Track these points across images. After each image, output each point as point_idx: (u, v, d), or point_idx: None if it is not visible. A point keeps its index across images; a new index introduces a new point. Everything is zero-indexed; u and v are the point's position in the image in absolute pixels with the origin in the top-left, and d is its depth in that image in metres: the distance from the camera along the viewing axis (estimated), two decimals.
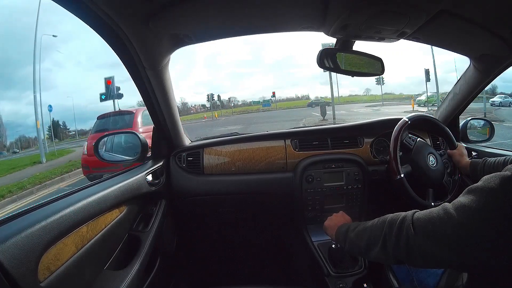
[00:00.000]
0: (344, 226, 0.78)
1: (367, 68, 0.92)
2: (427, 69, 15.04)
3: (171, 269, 1.25)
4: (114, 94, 8.56)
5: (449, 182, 1.13)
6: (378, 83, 24.03)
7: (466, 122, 1.38)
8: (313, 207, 1.22)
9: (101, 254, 0.76)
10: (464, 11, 0.75)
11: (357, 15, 0.71)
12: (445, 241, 0.49)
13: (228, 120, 22.93)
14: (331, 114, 13.81)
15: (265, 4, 0.70)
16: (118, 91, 8.88)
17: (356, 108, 22.46)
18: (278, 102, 38.92)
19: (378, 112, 17.04)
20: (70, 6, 0.59)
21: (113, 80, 8.72)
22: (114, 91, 8.59)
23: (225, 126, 14.49)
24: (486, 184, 0.46)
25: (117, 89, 8.91)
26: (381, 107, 21.54)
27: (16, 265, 0.47)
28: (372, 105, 26.10)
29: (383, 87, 29.60)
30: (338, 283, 1.05)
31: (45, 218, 0.56)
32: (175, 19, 0.71)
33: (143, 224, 1.00)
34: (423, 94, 19.57)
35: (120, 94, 8.87)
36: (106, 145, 1.36)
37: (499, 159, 0.96)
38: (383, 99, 30.93)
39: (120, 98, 8.94)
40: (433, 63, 14.05)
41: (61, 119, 30.91)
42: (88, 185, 0.83)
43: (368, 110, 19.78)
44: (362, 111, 19.73)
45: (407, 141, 1.11)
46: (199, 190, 1.25)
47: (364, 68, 0.92)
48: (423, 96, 19.11)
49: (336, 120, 12.72)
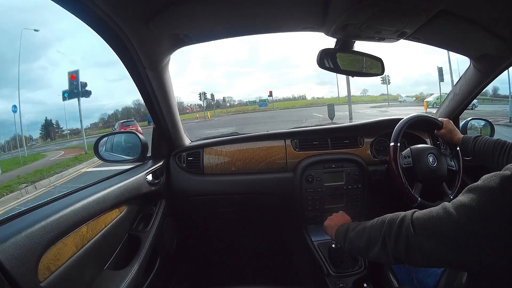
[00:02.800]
0: (344, 226, 0.78)
1: (367, 68, 0.92)
2: (440, 67, 14.55)
3: (171, 269, 1.25)
4: (79, 91, 7.33)
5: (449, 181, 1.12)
6: (383, 83, 23.11)
7: (466, 122, 1.38)
8: (313, 207, 1.22)
9: (101, 254, 0.76)
10: (464, 11, 0.75)
11: (357, 15, 0.71)
12: (444, 240, 0.49)
13: (220, 121, 21.14)
14: (335, 115, 12.75)
15: (265, 4, 0.70)
16: (84, 88, 7.57)
17: (361, 109, 20.99)
18: (275, 102, 38.10)
19: (387, 114, 16.37)
20: (70, 7, 0.60)
21: (77, 74, 7.49)
22: (79, 88, 7.36)
23: (216, 128, 12.94)
24: (486, 183, 0.46)
25: (83, 85, 7.55)
26: (387, 108, 20.27)
27: (16, 265, 0.47)
28: (376, 106, 24.85)
29: (381, 88, 29.08)
30: (338, 283, 1.05)
31: (45, 218, 0.56)
32: (175, 19, 0.71)
33: (143, 224, 1.00)
34: (430, 95, 18.79)
35: (87, 91, 7.62)
36: (106, 145, 1.35)
37: (491, 139, 0.95)
38: (383, 100, 30.42)
39: (87, 96, 7.70)
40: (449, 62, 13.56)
41: (54, 118, 30.55)
42: (88, 185, 0.83)
43: (374, 112, 18.67)
44: (368, 112, 18.70)
45: (404, 163, 1.08)
46: (199, 190, 1.25)
47: (364, 68, 0.92)
48: (431, 97, 18.27)
49: (352, 120, 12.11)
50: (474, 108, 13.34)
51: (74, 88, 7.50)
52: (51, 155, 11.52)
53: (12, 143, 19.63)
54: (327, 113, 13.15)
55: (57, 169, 7.77)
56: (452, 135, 1.09)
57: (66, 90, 7.71)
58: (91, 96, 7.70)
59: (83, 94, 7.77)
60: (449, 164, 1.10)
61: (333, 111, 12.80)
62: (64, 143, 17.64)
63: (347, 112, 13.51)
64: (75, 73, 7.60)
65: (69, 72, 7.51)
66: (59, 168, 7.83)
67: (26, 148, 12.10)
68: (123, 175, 0.97)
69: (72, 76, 7.47)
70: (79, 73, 7.60)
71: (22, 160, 10.34)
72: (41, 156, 11.76)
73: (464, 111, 1.38)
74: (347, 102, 15.84)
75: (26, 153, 11.80)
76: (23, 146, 11.54)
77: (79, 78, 7.56)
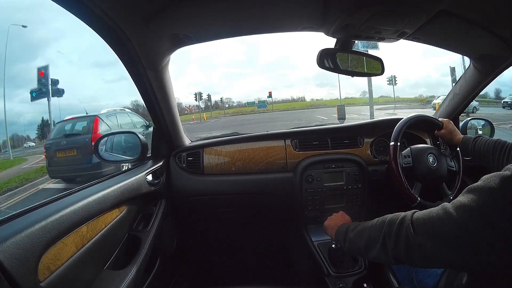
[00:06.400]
0: (344, 226, 0.78)
1: (367, 68, 0.92)
2: (453, 67, 14.18)
3: (171, 269, 1.25)
4: (48, 90, 6.23)
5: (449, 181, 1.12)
6: (390, 84, 22.27)
7: (466, 122, 1.38)
8: (313, 207, 1.22)
9: (101, 254, 0.76)
10: (464, 11, 0.75)
11: (357, 15, 0.71)
12: (444, 240, 0.49)
13: (217, 123, 20.06)
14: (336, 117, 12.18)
15: (265, 4, 0.70)
16: (56, 86, 6.41)
17: (368, 111, 20.48)
18: (274, 104, 37.20)
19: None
20: (70, 6, 0.59)
21: (47, 71, 6.34)
22: (48, 86, 6.28)
23: (210, 131, 11.65)
24: (486, 184, 0.46)
25: (54, 82, 6.38)
26: (394, 111, 19.27)
27: (16, 265, 0.47)
28: (382, 108, 23.28)
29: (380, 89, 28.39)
30: (338, 283, 1.05)
31: (45, 218, 0.56)
32: (175, 19, 0.71)
33: (143, 224, 1.00)
34: (438, 97, 17.84)
35: (58, 90, 6.48)
36: (106, 145, 1.35)
37: (490, 139, 0.95)
38: (384, 101, 29.80)
39: (59, 96, 6.54)
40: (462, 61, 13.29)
41: (51, 118, 30.23)
42: (88, 185, 0.82)
43: (380, 114, 17.59)
44: (375, 114, 17.97)
45: (404, 162, 1.08)
46: (199, 190, 1.25)
47: (364, 68, 0.92)
48: (438, 99, 17.04)
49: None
50: (476, 111, 13.31)
51: (42, 86, 6.37)
52: (31, 160, 9.71)
53: (15, 141, 19.02)
54: (336, 114, 12.64)
55: (16, 182, 6.20)
56: (452, 136, 1.09)
57: (34, 88, 6.44)
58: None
59: (54, 93, 6.55)
60: (449, 164, 1.10)
61: (344, 112, 12.31)
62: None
63: (355, 114, 13.07)
64: (44, 69, 6.44)
65: (38, 68, 6.31)
66: (18, 181, 6.28)
67: (11, 151, 10.63)
68: (123, 175, 0.97)
69: (41, 72, 6.35)
70: (48, 69, 6.41)
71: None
72: (22, 160, 9.88)
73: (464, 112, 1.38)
74: (349, 104, 15.46)
75: (11, 155, 10.36)
76: (8, 147, 10.18)
77: (48, 75, 6.40)
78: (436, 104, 16.13)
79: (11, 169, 8.30)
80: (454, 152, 1.13)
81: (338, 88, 39.85)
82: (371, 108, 13.20)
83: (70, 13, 0.61)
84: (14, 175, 6.96)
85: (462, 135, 1.07)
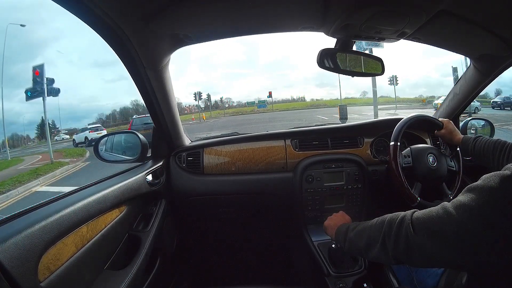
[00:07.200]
0: (344, 226, 0.78)
1: (367, 68, 0.92)
2: (455, 67, 13.85)
3: (171, 269, 1.25)
4: (44, 89, 6.13)
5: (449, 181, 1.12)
6: (391, 84, 22.03)
7: (466, 122, 1.38)
8: (313, 207, 1.23)
9: (101, 254, 0.76)
10: (464, 11, 0.75)
11: (357, 15, 0.71)
12: (444, 240, 0.49)
13: (216, 123, 19.95)
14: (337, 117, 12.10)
15: (265, 4, 0.70)
16: (51, 85, 6.35)
17: (369, 112, 19.69)
18: (274, 104, 36.68)
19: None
20: (70, 6, 0.59)
21: (42, 69, 6.22)
22: (44, 85, 6.19)
23: (209, 131, 11.71)
24: (485, 183, 0.46)
25: (50, 81, 6.32)
26: (395, 111, 18.82)
27: (16, 265, 0.47)
28: (383, 108, 22.53)
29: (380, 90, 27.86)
30: (338, 283, 1.05)
31: (45, 218, 0.56)
32: (175, 19, 0.71)
33: (143, 224, 1.00)
34: (439, 97, 17.49)
35: (54, 89, 6.41)
36: (106, 145, 1.36)
37: (491, 139, 0.95)
38: (384, 102, 29.52)
39: (55, 95, 6.47)
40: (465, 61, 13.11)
41: (50, 117, 30.04)
42: (88, 185, 0.83)
43: (382, 114, 17.52)
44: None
45: (404, 162, 1.08)
46: (199, 190, 1.25)
47: (364, 68, 0.92)
48: (439, 99, 17.49)
49: None
50: (477, 111, 13.28)
51: (37, 85, 6.29)
52: (28, 160, 9.62)
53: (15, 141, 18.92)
54: (338, 114, 12.58)
55: (8, 185, 6.08)
56: (452, 136, 1.09)
57: (29, 88, 6.36)
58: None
59: (50, 92, 6.50)
60: (449, 164, 1.10)
61: (346, 112, 12.26)
62: (54, 144, 15.03)
63: (356, 114, 13.00)
64: (39, 68, 6.33)
65: (33, 67, 6.26)
66: (11, 183, 6.17)
67: (9, 151, 10.62)
68: (123, 175, 0.97)
69: (36, 71, 6.26)
70: (44, 67, 6.31)
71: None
72: (18, 161, 9.72)
73: (466, 112, 1.38)
74: (349, 104, 15.41)
75: (9, 155, 10.33)
76: (6, 148, 10.17)
77: (44, 74, 6.26)
78: (438, 105, 16.33)
79: (7, 169, 8.25)
80: (454, 152, 1.14)
81: (339, 88, 39.87)
82: (375, 108, 13.14)
83: (70, 13, 0.61)
84: (9, 177, 6.91)
85: (462, 135, 1.07)
